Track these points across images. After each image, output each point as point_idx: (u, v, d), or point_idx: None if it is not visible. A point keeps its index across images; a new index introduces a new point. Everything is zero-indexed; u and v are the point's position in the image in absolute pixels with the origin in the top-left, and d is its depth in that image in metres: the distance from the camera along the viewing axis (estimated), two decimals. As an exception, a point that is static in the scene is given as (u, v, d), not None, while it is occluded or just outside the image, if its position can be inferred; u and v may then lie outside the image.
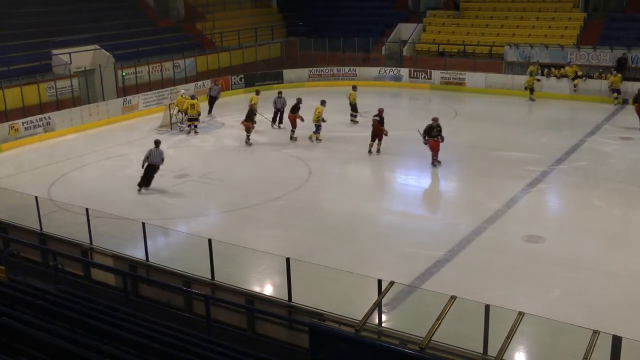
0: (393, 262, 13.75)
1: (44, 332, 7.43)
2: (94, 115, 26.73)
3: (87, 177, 20.02)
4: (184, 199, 17.90)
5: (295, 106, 23.62)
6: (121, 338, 7.79)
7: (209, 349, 8.00)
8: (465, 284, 12.29)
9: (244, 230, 15.58)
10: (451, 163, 20.75)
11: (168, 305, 11.73)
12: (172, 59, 31.19)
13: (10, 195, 16.07)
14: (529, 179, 18.51)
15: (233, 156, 22.29)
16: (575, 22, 33.33)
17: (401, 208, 17.40)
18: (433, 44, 35.62)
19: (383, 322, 10.32)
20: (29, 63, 26.35)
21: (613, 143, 21.83)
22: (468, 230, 15.05)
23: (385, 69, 34.63)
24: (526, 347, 10.00)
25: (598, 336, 8.27)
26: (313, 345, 8.50)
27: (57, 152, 22.91)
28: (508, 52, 32.28)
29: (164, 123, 25.84)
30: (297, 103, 23.71)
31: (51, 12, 30.94)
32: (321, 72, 35.07)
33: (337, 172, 20.68)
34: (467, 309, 9.66)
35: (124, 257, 13.41)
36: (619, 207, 16.78)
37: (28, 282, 11.18)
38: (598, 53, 30.35)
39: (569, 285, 12.57)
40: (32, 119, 24.40)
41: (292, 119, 23.49)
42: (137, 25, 33.54)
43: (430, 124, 19.90)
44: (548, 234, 14.79)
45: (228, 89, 32.74)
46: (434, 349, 9.05)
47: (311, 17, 40.57)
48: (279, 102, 25.61)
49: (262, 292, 12.30)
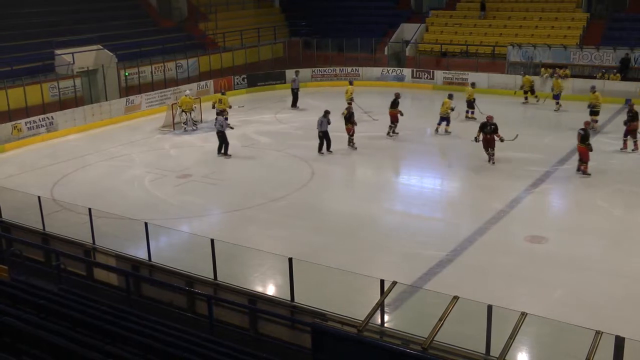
0: (395, 262, 13.74)
1: (47, 331, 7.44)
2: (96, 115, 26.78)
3: (89, 177, 20.05)
4: (187, 199, 17.91)
5: (395, 101, 23.73)
6: (124, 338, 7.80)
7: (211, 349, 8.00)
8: (468, 284, 12.28)
9: (247, 230, 15.58)
10: (453, 162, 20.74)
11: (170, 305, 11.74)
12: (174, 59, 31.24)
13: (13, 195, 16.09)
14: (532, 180, 18.49)
15: (235, 156, 22.28)
16: (578, 22, 33.30)
17: (403, 208, 17.39)
18: (436, 44, 35.61)
19: (385, 323, 10.32)
20: (31, 63, 26.37)
21: (616, 144, 21.77)
22: (470, 231, 15.04)
23: (388, 69, 34.63)
24: (529, 347, 9.98)
25: (601, 337, 8.25)
26: (315, 345, 8.51)
27: (60, 152, 22.94)
28: (511, 52, 32.26)
29: (167, 123, 25.87)
30: (395, 98, 23.81)
31: (54, 12, 30.99)
32: (324, 73, 35.07)
33: (339, 172, 20.67)
34: (469, 310, 9.65)
35: (127, 257, 13.42)
36: (622, 207, 16.75)
37: (31, 281, 11.18)
38: (601, 53, 30.32)
39: (571, 285, 12.55)
40: (34, 119, 24.44)
41: (392, 114, 23.63)
42: (140, 26, 33.60)
43: (484, 121, 20.17)
44: (551, 234, 14.77)
45: (231, 89, 32.77)
46: (436, 349, 9.04)
47: (314, 17, 40.59)
48: (295, 82, 29.01)
49: (265, 292, 12.30)
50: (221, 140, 21.67)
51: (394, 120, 23.54)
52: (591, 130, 20.26)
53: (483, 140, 20.00)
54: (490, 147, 19.92)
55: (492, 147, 19.89)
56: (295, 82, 29.51)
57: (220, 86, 32.01)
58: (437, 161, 21.87)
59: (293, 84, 29.54)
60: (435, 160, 21.93)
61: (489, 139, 19.90)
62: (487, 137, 19.92)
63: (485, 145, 20.00)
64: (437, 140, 23.78)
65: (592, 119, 22.66)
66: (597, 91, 24.01)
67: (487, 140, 19.95)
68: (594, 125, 22.52)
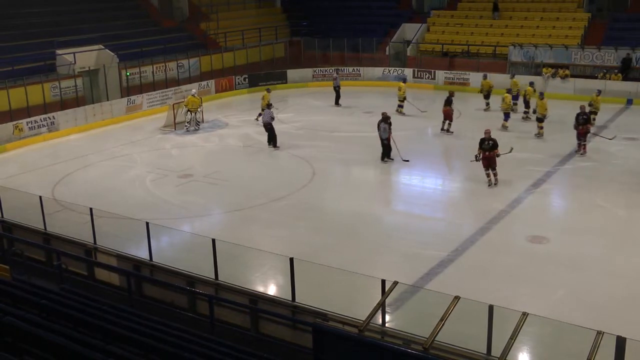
0: (396, 262, 13.74)
1: (48, 331, 7.44)
2: (97, 115, 26.81)
3: (91, 177, 20.06)
4: (188, 198, 17.91)
5: (448, 99, 23.94)
6: (125, 338, 7.80)
7: (212, 349, 8.00)
8: (469, 284, 12.28)
9: (248, 230, 15.58)
10: (454, 163, 20.73)
11: (172, 305, 11.74)
12: (176, 59, 31.26)
13: (15, 195, 16.11)
14: (533, 180, 18.48)
15: (237, 156, 22.31)
16: (580, 22, 33.26)
17: (405, 208, 17.40)
18: (437, 44, 35.59)
19: (387, 322, 10.31)
20: (33, 63, 26.41)
21: (617, 143, 21.76)
22: (472, 231, 15.04)
23: (389, 69, 34.62)
24: (530, 347, 9.98)
25: (602, 337, 8.25)
26: (316, 345, 8.50)
27: (61, 152, 22.97)
28: (512, 52, 32.25)
29: (168, 123, 25.90)
30: (449, 96, 24.06)
31: (55, 12, 31.02)
32: (325, 72, 35.05)
33: (341, 172, 20.68)
34: (470, 310, 9.65)
35: (128, 256, 13.42)
36: (623, 207, 16.73)
37: (32, 281, 11.19)
38: (602, 53, 30.30)
39: (572, 285, 12.54)
40: (36, 119, 24.47)
41: (445, 111, 23.83)
42: (141, 25, 33.61)
43: (482, 137, 18.34)
44: (552, 234, 14.76)
45: (232, 89, 32.78)
46: (437, 349, 9.04)
47: (315, 17, 40.57)
48: (336, 81, 29.57)
49: (266, 292, 12.30)
50: (270, 132, 22.40)
51: (447, 117, 23.85)
52: None
53: (482, 158, 18.11)
54: (491, 166, 18.02)
55: (493, 167, 18.02)
56: (336, 80, 29.94)
57: (221, 86, 32.09)
58: (439, 161, 21.88)
59: (334, 82, 29.91)
60: (437, 159, 21.94)
61: (488, 156, 18.01)
62: (486, 154, 18.01)
63: (486, 165, 18.06)
64: (438, 140, 23.79)
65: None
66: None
67: (486, 158, 18.03)
68: None
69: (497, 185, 18.06)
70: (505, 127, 23.87)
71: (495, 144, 18.06)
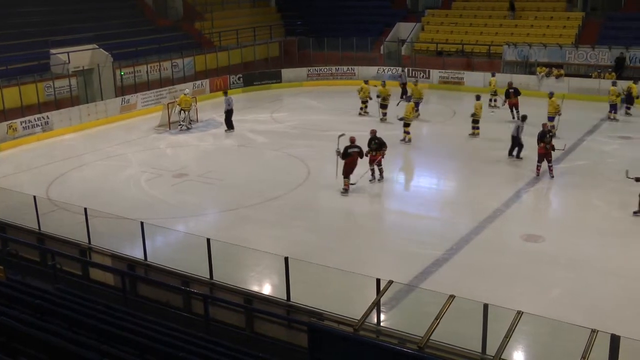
0: (391, 262, 13.75)
1: (43, 331, 7.42)
2: (92, 115, 26.72)
3: (85, 177, 20.00)
4: (183, 198, 17.88)
5: (508, 90, 25.06)
6: (120, 337, 7.78)
7: (207, 349, 7.99)
8: (464, 283, 12.29)
9: (243, 229, 15.56)
10: (450, 162, 20.74)
11: (167, 304, 11.73)
12: (170, 59, 31.20)
13: (9, 195, 16.07)
14: (528, 178, 18.52)
15: (232, 156, 22.27)
16: (574, 22, 33.37)
17: (400, 207, 17.40)
18: (431, 43, 35.65)
19: (382, 322, 10.32)
20: (27, 62, 26.30)
21: (612, 142, 21.83)
22: (467, 230, 15.06)
23: (384, 68, 34.65)
24: (525, 346, 10.01)
25: (596, 335, 8.28)
26: (312, 344, 8.49)
27: (56, 152, 22.89)
28: (507, 51, 32.32)
29: (163, 122, 25.86)
30: (508, 87, 25.04)
31: (49, 12, 30.90)
32: (320, 72, 35.07)
33: (335, 171, 20.61)
34: (465, 309, 9.67)
35: (123, 256, 13.38)
36: (618, 206, 16.76)
37: (27, 281, 11.17)
38: (596, 52, 30.39)
39: (567, 284, 12.58)
40: (30, 119, 24.37)
41: (511, 103, 24.99)
42: (136, 25, 33.53)
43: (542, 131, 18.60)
44: (547, 233, 14.79)
45: (227, 88, 32.72)
46: (432, 348, 9.06)
47: (310, 16, 40.58)
48: (402, 77, 30.16)
49: (261, 292, 12.28)
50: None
51: (514, 107, 24.78)
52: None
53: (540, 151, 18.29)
54: (547, 158, 18.37)
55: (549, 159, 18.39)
56: (402, 77, 30.52)
57: (216, 85, 32.04)
58: (434, 160, 21.88)
59: (400, 79, 30.38)
60: (432, 159, 21.93)
61: (375, 157, 18.16)
62: (372, 154, 18.10)
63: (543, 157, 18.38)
64: (434, 140, 23.81)
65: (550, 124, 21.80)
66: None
67: (373, 158, 18.19)
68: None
69: (381, 181, 18.35)
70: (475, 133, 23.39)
71: (381, 143, 18.14)
